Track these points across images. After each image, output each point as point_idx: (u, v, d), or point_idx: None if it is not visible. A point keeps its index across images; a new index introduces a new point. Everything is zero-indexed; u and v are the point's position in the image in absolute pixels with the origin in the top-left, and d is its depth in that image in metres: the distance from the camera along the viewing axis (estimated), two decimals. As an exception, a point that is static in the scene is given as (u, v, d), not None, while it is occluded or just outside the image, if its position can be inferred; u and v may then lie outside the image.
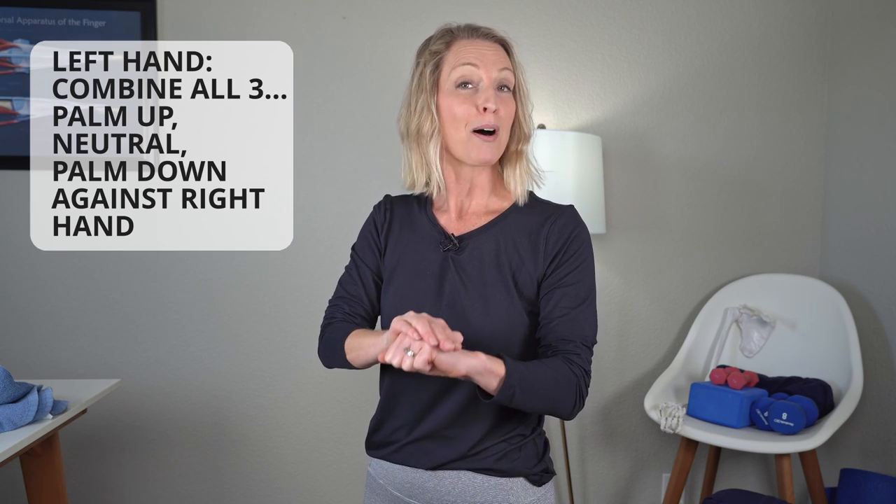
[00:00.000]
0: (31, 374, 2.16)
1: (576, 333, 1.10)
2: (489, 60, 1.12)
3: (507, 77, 1.13)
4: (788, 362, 2.22)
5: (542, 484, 1.17)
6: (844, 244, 2.33)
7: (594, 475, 2.47)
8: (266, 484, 2.38)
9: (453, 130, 1.13)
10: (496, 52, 1.14)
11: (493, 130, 1.12)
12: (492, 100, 1.10)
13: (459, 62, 1.12)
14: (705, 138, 2.41)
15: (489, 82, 1.12)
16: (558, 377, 1.05)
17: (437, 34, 1.17)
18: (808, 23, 2.39)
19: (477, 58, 1.12)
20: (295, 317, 2.34)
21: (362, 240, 1.26)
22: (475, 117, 1.11)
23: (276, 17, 2.28)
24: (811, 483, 2.08)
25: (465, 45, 1.13)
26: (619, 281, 2.42)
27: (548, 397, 1.05)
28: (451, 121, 1.13)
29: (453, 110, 1.12)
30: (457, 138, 1.14)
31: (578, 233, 1.14)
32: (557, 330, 1.10)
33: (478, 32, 1.15)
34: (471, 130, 1.12)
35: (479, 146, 1.12)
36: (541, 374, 1.04)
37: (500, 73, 1.12)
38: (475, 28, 1.15)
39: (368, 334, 1.13)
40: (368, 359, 1.12)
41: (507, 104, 1.14)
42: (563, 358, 1.08)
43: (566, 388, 1.06)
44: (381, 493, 1.21)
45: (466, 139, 1.13)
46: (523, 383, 1.00)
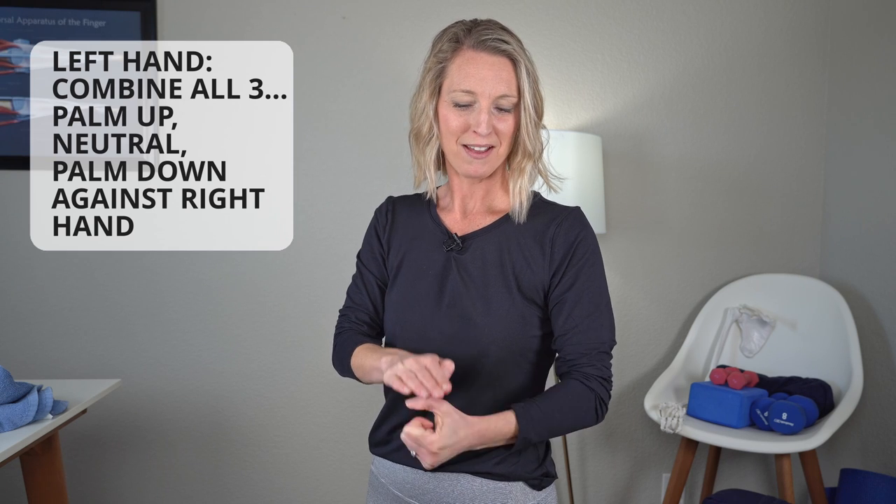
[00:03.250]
0: (31, 374, 2.16)
1: (591, 344, 1.10)
2: (489, 85, 1.08)
3: (506, 102, 1.10)
4: (788, 362, 2.21)
5: (542, 488, 1.16)
6: (844, 244, 2.33)
7: (594, 475, 2.47)
8: (266, 484, 2.38)
9: (447, 141, 1.13)
10: (500, 71, 1.09)
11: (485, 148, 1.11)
12: (484, 125, 1.09)
13: (459, 86, 1.09)
14: (705, 138, 2.41)
15: (485, 105, 1.09)
16: (574, 402, 1.08)
17: (448, 35, 1.13)
18: (808, 23, 2.39)
19: (476, 84, 1.08)
20: (295, 317, 2.34)
21: (365, 246, 1.26)
22: (467, 135, 1.11)
23: (276, 17, 2.28)
24: (811, 483, 2.08)
25: (468, 61, 1.09)
26: (619, 281, 2.41)
27: (567, 425, 1.10)
28: (446, 131, 1.13)
29: (449, 123, 1.12)
30: (450, 149, 1.14)
31: (585, 236, 1.14)
32: (573, 342, 1.10)
33: (484, 45, 1.09)
34: (462, 144, 1.12)
35: (469, 161, 1.12)
36: (556, 408, 1.07)
37: (498, 99, 1.09)
38: (483, 40, 1.09)
39: (369, 355, 1.15)
40: (372, 381, 1.16)
41: (505, 121, 1.11)
42: (578, 375, 1.09)
43: (585, 408, 1.09)
44: (383, 491, 1.21)
45: (457, 152, 1.12)
46: (539, 427, 1.05)
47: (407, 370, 0.99)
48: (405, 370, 1.00)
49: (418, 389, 0.98)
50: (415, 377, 0.99)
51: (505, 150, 1.14)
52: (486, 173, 1.14)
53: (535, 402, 1.06)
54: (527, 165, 1.15)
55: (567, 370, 1.11)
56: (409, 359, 1.01)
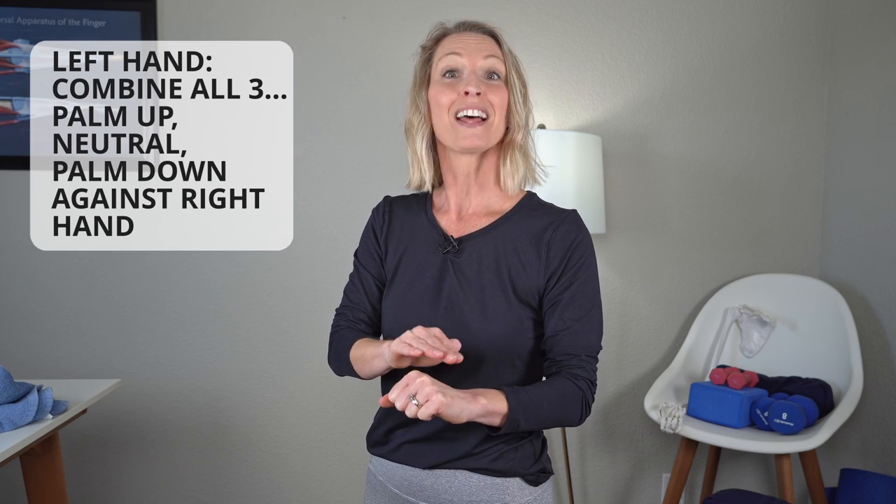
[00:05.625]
0: (31, 374, 2.16)
1: (580, 346, 1.11)
2: (473, 49, 1.13)
3: (494, 64, 1.14)
4: (788, 362, 2.22)
5: (538, 484, 1.17)
6: (844, 244, 2.33)
7: (594, 475, 2.47)
8: (266, 484, 2.38)
9: (439, 119, 1.14)
10: (482, 41, 1.15)
11: (481, 117, 1.12)
12: (473, 83, 1.11)
13: (445, 53, 1.15)
14: (705, 138, 2.41)
15: (472, 68, 1.13)
16: (563, 397, 1.07)
17: (431, 31, 1.20)
18: (808, 23, 2.39)
19: (461, 47, 1.14)
20: (295, 317, 2.34)
21: (363, 245, 1.26)
22: (458, 102, 1.12)
23: (276, 17, 2.28)
24: (811, 483, 2.08)
25: (453, 39, 1.16)
26: (619, 281, 2.42)
27: (553, 417, 1.08)
28: (437, 109, 1.14)
29: (438, 98, 1.13)
30: (442, 126, 1.14)
31: (581, 240, 1.14)
32: (562, 344, 1.11)
33: (465, 26, 1.17)
34: (454, 116, 1.12)
35: (464, 132, 1.12)
36: (544, 398, 1.06)
37: (485, 60, 1.13)
38: (464, 22, 1.18)
39: (370, 345, 1.13)
40: (373, 372, 1.14)
41: (497, 92, 1.13)
42: (567, 374, 1.09)
43: (572, 404, 1.08)
44: (381, 490, 1.21)
45: (451, 125, 1.13)
46: (527, 413, 1.03)
47: (415, 336, 0.98)
48: (413, 336, 0.98)
49: (430, 351, 0.95)
50: (424, 342, 0.97)
51: (500, 123, 1.14)
52: (482, 145, 1.13)
53: (524, 388, 1.06)
54: (517, 137, 1.17)
55: (556, 370, 1.11)
56: (417, 327, 1.00)
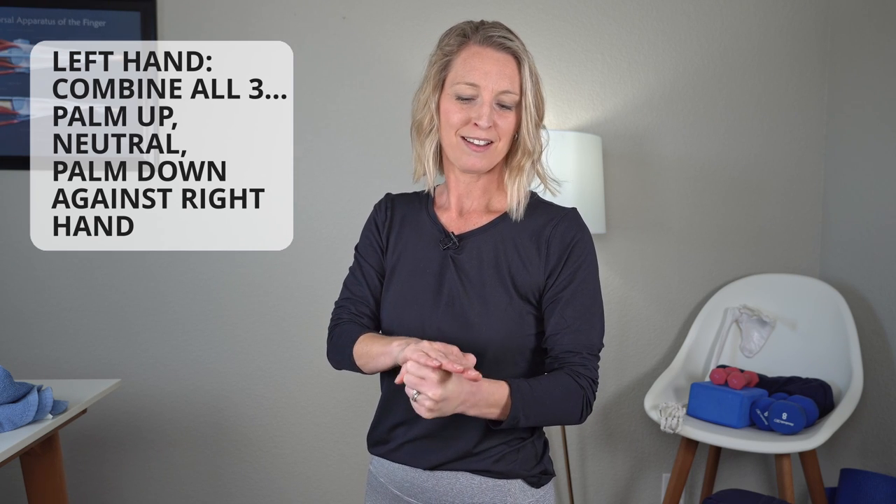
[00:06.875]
0: (31, 374, 2.16)
1: (582, 344, 1.11)
2: (492, 80, 1.10)
3: (508, 99, 1.12)
4: (788, 362, 2.21)
5: (540, 486, 1.17)
6: (844, 244, 2.33)
7: (594, 475, 2.47)
8: (266, 484, 2.38)
9: (447, 134, 1.14)
10: (504, 67, 1.11)
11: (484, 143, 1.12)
12: (485, 117, 1.10)
13: (463, 79, 1.11)
14: (705, 138, 2.41)
15: (488, 99, 1.10)
16: (565, 393, 1.08)
17: (455, 31, 1.15)
18: (808, 23, 2.39)
19: (480, 77, 1.10)
20: (295, 317, 2.34)
21: (364, 239, 1.26)
22: (467, 128, 1.12)
23: (276, 17, 2.28)
24: (811, 483, 2.08)
25: (474, 55, 1.11)
26: (619, 281, 2.42)
27: (555, 414, 1.09)
28: (446, 125, 1.14)
29: (450, 116, 1.12)
30: (449, 142, 1.14)
31: (580, 238, 1.14)
32: (563, 342, 1.11)
33: (491, 41, 1.11)
34: (461, 136, 1.12)
35: (469, 154, 1.13)
36: (547, 394, 1.06)
37: (501, 93, 1.11)
38: (489, 36, 1.12)
39: (376, 341, 1.13)
40: (377, 368, 1.14)
41: (506, 118, 1.12)
42: (569, 371, 1.09)
43: (573, 401, 1.08)
44: (382, 490, 1.21)
45: (457, 144, 1.13)
46: (527, 409, 1.04)
47: (433, 348, 0.99)
48: (431, 347, 0.99)
49: (449, 365, 0.95)
50: (442, 355, 0.98)
51: (503, 147, 1.15)
52: (483, 168, 1.15)
53: (528, 382, 1.06)
54: (526, 164, 1.16)
55: (558, 367, 1.11)
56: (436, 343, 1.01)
